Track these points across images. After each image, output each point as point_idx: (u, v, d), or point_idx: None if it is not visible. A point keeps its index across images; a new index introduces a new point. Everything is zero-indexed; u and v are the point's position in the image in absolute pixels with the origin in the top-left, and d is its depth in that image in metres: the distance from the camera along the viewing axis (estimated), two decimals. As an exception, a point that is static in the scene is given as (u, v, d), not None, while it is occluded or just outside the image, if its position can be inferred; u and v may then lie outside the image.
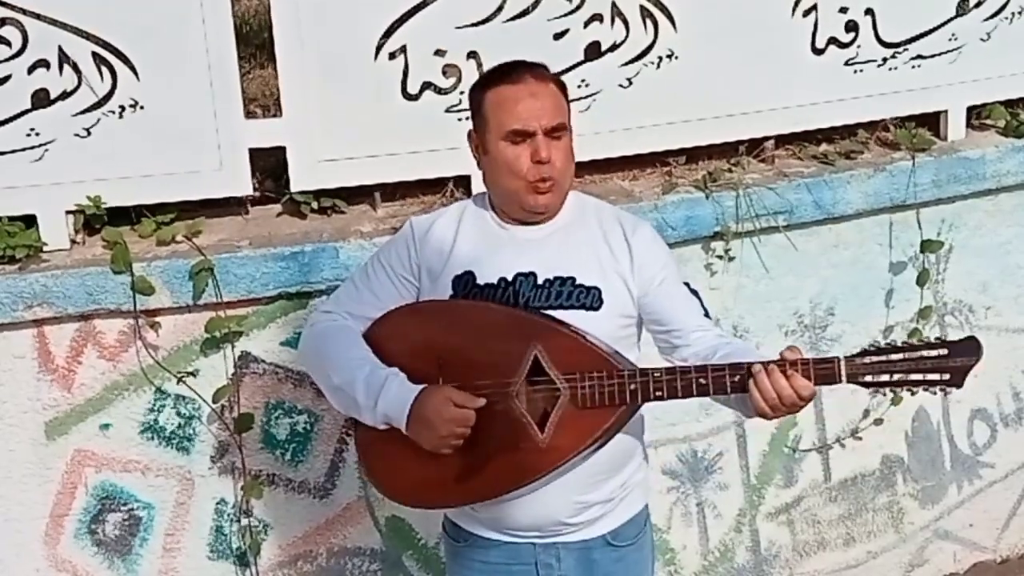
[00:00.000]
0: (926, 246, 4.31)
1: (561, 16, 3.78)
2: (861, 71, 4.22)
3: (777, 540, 4.42)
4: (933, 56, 4.33)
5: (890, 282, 4.36)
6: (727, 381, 2.55)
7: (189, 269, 3.51)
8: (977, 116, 4.56)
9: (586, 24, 3.82)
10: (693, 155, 4.15)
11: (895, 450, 4.55)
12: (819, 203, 4.11)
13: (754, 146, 4.20)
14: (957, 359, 2.54)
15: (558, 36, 3.79)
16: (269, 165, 3.84)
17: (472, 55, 3.71)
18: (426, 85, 3.70)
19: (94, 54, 3.46)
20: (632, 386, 2.60)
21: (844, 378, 2.51)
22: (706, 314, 2.78)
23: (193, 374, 3.60)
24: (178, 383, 3.59)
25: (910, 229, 4.31)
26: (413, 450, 2.67)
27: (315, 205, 3.77)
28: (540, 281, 2.71)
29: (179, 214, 3.68)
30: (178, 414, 3.64)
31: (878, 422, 4.41)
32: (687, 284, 2.80)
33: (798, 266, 4.19)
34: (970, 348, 2.55)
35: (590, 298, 2.70)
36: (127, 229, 3.64)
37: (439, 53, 3.69)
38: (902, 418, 4.50)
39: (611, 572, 2.83)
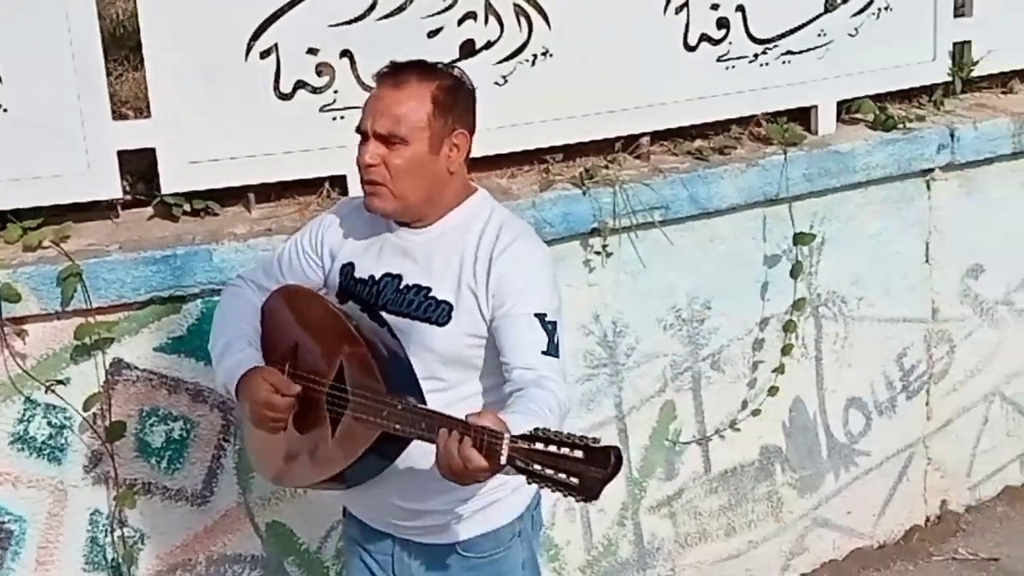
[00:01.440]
0: (799, 239, 4.38)
1: (435, 14, 3.77)
2: (733, 67, 4.29)
3: (659, 533, 4.46)
4: (803, 52, 4.42)
5: (765, 275, 4.42)
6: (435, 432, 2.37)
7: (57, 275, 3.42)
8: (847, 111, 4.65)
9: (460, 22, 3.81)
10: (570, 152, 4.17)
11: (773, 440, 4.62)
12: (694, 198, 4.15)
13: (630, 143, 4.24)
14: (590, 467, 2.20)
15: (432, 34, 3.78)
16: (141, 168, 3.76)
17: (345, 54, 3.68)
18: (299, 84, 3.66)
19: (-46, 56, 3.37)
20: (384, 412, 2.51)
21: (503, 458, 2.25)
22: (549, 351, 2.57)
23: (63, 382, 3.50)
24: (47, 392, 3.50)
25: (783, 222, 4.38)
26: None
27: (187, 207, 3.70)
28: (401, 286, 2.73)
29: (47, 219, 3.59)
30: (49, 424, 3.54)
31: (756, 413, 4.47)
32: (542, 316, 2.60)
33: (675, 261, 4.23)
34: (602, 459, 2.19)
35: (438, 313, 2.68)
36: (-8, 235, 3.55)
37: (312, 52, 3.65)
38: (779, 409, 4.58)
39: None
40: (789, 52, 4.38)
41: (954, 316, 4.93)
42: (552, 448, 2.21)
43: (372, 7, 3.69)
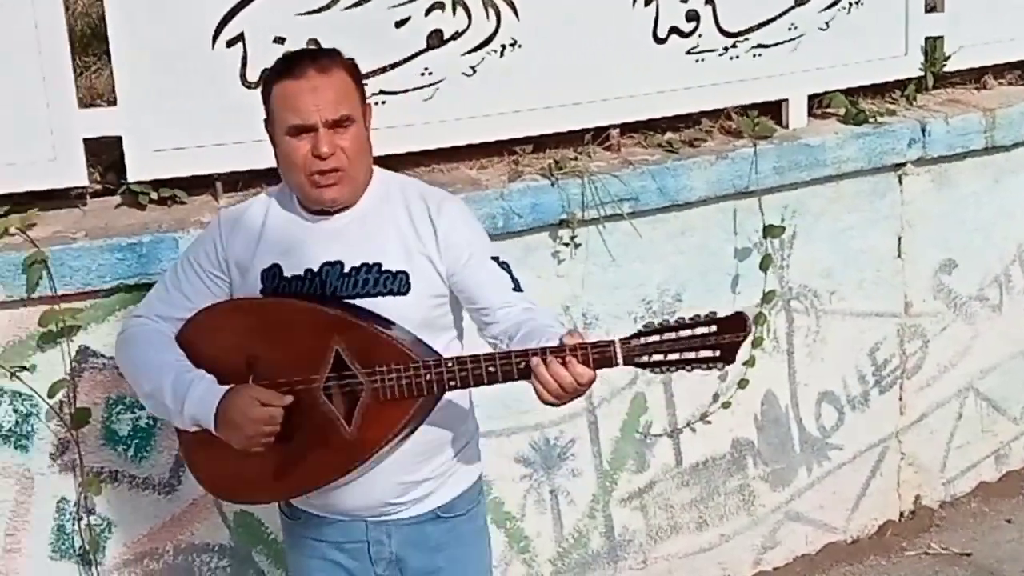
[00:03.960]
0: (768, 231, 4.39)
1: (402, 4, 3.78)
2: (703, 60, 4.30)
3: (631, 525, 4.46)
4: (774, 45, 4.43)
5: (736, 268, 4.43)
6: (514, 369, 2.53)
7: (22, 261, 3.42)
8: (818, 104, 4.67)
9: (428, 12, 3.82)
10: (540, 144, 4.18)
11: (745, 433, 4.62)
12: (663, 190, 4.16)
13: (599, 134, 4.24)
14: (726, 336, 2.48)
15: (400, 24, 3.79)
16: (112, 158, 3.76)
17: (313, 43, 3.67)
18: (265, 73, 3.65)
19: (-80, 43, 3.38)
20: (428, 377, 2.60)
21: (620, 360, 2.50)
22: (516, 287, 2.77)
23: (29, 369, 3.51)
24: (12, 379, 3.49)
25: (754, 216, 4.40)
26: (231, 449, 2.68)
27: (154, 196, 3.71)
28: (347, 270, 2.73)
29: (13, 207, 3.59)
30: (15, 411, 3.54)
31: (726, 406, 4.48)
32: (496, 258, 2.79)
33: (644, 253, 4.24)
34: (738, 323, 2.49)
35: (397, 283, 2.72)
36: (-40, 223, 3.55)
37: (279, 40, 3.65)
38: (751, 402, 4.58)
39: (444, 543, 2.87)
40: (760, 45, 4.39)
41: (927, 311, 4.94)
42: (673, 335, 2.48)
43: (339, -4, 3.70)
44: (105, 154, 3.76)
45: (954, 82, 5.10)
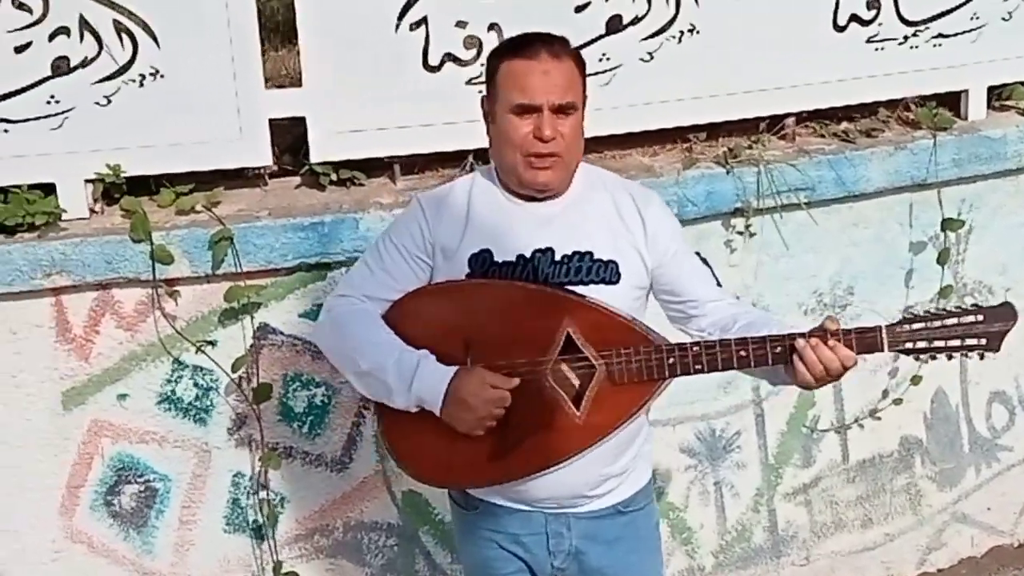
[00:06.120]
0: (947, 225, 4.28)
1: (583, -12, 3.77)
2: (882, 49, 4.20)
3: (795, 520, 4.40)
4: (954, 35, 4.30)
5: (910, 262, 4.33)
6: (768, 353, 2.57)
7: (208, 238, 3.49)
8: (998, 97, 4.54)
9: (608, -3, 3.81)
10: (714, 131, 4.13)
11: (913, 431, 4.52)
12: (840, 180, 4.08)
13: (774, 123, 4.18)
14: (993, 324, 2.59)
15: (579, 8, 3.77)
16: (292, 141, 3.82)
17: (493, 27, 3.69)
18: (447, 57, 3.68)
19: (115, 22, 3.45)
20: (671, 360, 2.61)
21: (886, 346, 2.56)
22: (717, 283, 2.83)
23: (211, 344, 3.58)
24: (196, 353, 3.57)
25: (931, 208, 4.29)
26: (443, 432, 2.66)
27: (334, 177, 3.75)
28: (558, 257, 2.71)
29: (198, 185, 3.67)
30: (195, 385, 3.63)
31: (897, 402, 4.38)
32: (697, 254, 2.84)
33: (818, 244, 4.17)
34: (1006, 313, 2.61)
35: (608, 272, 2.71)
36: (146, 199, 3.63)
37: (460, 24, 3.67)
38: (921, 399, 4.48)
39: (621, 536, 2.85)
40: (940, 35, 4.28)
41: (1105, 311, 4.77)
42: (939, 322, 2.57)
43: (521, -20, 3.70)
44: (282, 136, 3.82)
45: None
